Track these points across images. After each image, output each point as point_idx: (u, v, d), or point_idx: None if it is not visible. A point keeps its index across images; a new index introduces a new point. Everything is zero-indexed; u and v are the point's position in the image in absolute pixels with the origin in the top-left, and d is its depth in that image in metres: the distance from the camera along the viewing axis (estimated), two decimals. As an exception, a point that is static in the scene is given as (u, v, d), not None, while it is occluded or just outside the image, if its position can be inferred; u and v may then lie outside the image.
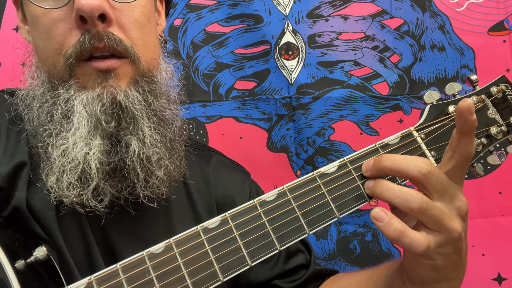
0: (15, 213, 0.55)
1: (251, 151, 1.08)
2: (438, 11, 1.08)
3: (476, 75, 0.60)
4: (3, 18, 1.07)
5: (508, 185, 1.05)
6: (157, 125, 0.58)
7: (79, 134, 0.53)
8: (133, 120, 0.55)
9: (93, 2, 0.51)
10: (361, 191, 0.53)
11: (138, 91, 0.56)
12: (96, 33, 0.53)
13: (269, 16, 1.08)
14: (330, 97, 1.07)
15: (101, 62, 0.54)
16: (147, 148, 0.56)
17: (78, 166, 0.53)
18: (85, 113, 0.53)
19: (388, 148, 0.56)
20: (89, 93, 0.54)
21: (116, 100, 0.54)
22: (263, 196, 0.52)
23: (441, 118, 0.58)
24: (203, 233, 0.49)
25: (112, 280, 0.46)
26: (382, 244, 1.07)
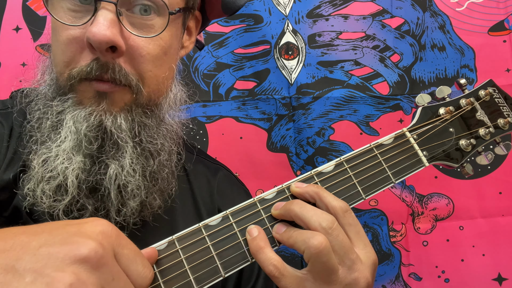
0: (15, 213, 0.55)
1: (251, 151, 1.08)
2: (439, 10, 1.08)
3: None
4: (3, 18, 1.07)
5: (508, 185, 1.05)
6: (140, 156, 0.57)
7: (63, 147, 0.53)
8: (116, 146, 0.55)
9: (104, 34, 0.50)
10: (357, 189, 0.55)
11: (127, 120, 0.56)
12: (104, 63, 0.53)
13: (269, 16, 1.08)
14: (330, 97, 1.06)
15: (101, 84, 0.54)
16: (125, 176, 0.55)
17: (56, 178, 0.53)
18: (74, 128, 0.53)
19: (382, 148, 0.58)
20: (81, 111, 0.54)
21: (102, 124, 0.54)
22: (263, 194, 0.53)
23: (432, 120, 0.61)
24: (204, 230, 0.50)
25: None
26: (382, 244, 1.07)
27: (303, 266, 1.05)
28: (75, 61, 0.54)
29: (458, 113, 0.62)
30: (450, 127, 0.61)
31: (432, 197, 1.07)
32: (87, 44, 0.52)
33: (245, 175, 1.07)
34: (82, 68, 0.53)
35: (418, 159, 0.58)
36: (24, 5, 1.08)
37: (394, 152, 0.58)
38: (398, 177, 0.57)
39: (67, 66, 0.54)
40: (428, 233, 1.06)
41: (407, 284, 1.06)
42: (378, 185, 0.56)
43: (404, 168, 0.58)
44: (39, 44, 1.07)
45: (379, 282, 1.06)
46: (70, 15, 0.53)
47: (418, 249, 1.06)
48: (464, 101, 0.63)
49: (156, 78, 0.58)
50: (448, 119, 0.61)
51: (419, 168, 0.58)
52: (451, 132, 0.61)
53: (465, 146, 0.60)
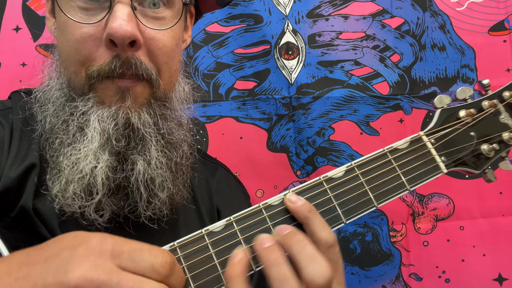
0: (22, 214, 0.55)
1: (251, 151, 1.08)
2: (439, 10, 1.08)
3: (477, 75, 0.59)
4: (3, 18, 1.07)
5: (508, 185, 1.04)
6: (164, 148, 0.58)
7: (90, 148, 0.54)
8: (142, 142, 0.56)
9: (126, 29, 0.51)
10: (369, 196, 0.52)
11: (150, 114, 0.57)
12: (126, 59, 0.53)
13: (269, 16, 1.08)
14: (330, 97, 1.06)
15: (122, 80, 0.54)
16: (152, 169, 0.56)
17: (85, 178, 0.53)
18: (99, 128, 0.54)
19: (397, 153, 0.54)
20: (105, 110, 0.54)
21: (130, 121, 0.55)
22: (269, 200, 0.51)
23: (452, 123, 0.57)
24: (207, 236, 0.48)
25: None
26: (382, 244, 1.06)
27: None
28: (91, 59, 0.54)
29: (480, 116, 0.58)
30: (471, 131, 0.57)
31: (433, 197, 1.07)
32: (105, 41, 0.52)
33: (245, 175, 1.07)
34: (103, 66, 0.53)
35: (435, 165, 0.55)
36: (24, 5, 1.07)
37: (410, 158, 0.54)
38: (414, 184, 0.54)
39: (83, 65, 0.54)
40: (429, 233, 1.06)
41: (407, 284, 1.06)
42: (392, 192, 0.53)
43: (420, 174, 0.54)
44: (39, 44, 1.07)
45: (379, 282, 1.06)
46: (82, 13, 0.53)
47: (419, 249, 1.06)
48: (487, 103, 0.58)
49: (169, 71, 0.59)
50: (469, 122, 0.57)
51: (436, 174, 0.55)
52: (472, 136, 0.57)
53: (487, 151, 0.56)
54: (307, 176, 1.08)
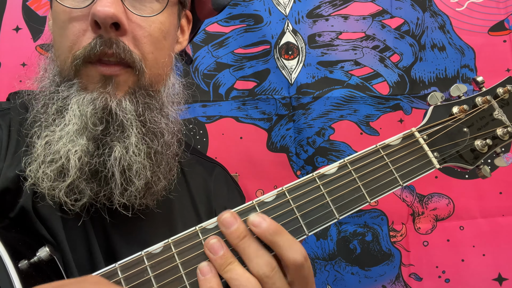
0: (22, 214, 0.55)
1: (251, 151, 1.08)
2: (439, 10, 1.08)
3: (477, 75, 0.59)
4: (3, 18, 1.07)
5: (508, 185, 1.05)
6: (144, 136, 0.58)
7: (66, 130, 0.54)
8: (121, 128, 0.56)
9: (109, 10, 0.52)
10: (362, 192, 0.53)
11: (132, 102, 0.57)
12: (108, 39, 0.54)
13: (269, 16, 1.08)
14: (330, 97, 1.06)
15: (106, 67, 0.55)
16: (130, 156, 0.56)
17: (58, 160, 0.54)
18: (78, 112, 0.54)
19: (389, 149, 0.55)
20: (86, 95, 0.55)
21: (108, 106, 0.55)
22: (262, 197, 0.51)
23: (444, 119, 0.58)
24: (201, 233, 0.49)
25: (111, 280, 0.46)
26: (382, 244, 1.06)
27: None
28: (78, 43, 0.55)
29: (473, 112, 0.58)
30: (464, 127, 0.58)
31: (433, 197, 1.07)
32: (90, 24, 0.54)
33: (245, 175, 1.07)
34: (86, 47, 0.54)
35: (428, 160, 0.55)
36: (24, 5, 1.08)
37: (402, 154, 0.55)
38: (406, 180, 0.54)
39: (70, 50, 0.55)
40: (429, 233, 1.06)
41: (407, 284, 1.06)
42: (385, 188, 0.53)
43: (413, 170, 0.54)
44: (39, 44, 1.07)
45: (379, 282, 1.06)
46: (73, 2, 0.55)
47: (419, 249, 1.06)
48: (480, 99, 0.59)
49: (156, 61, 0.59)
50: (462, 118, 0.58)
51: (429, 170, 0.55)
52: (465, 132, 0.57)
53: (480, 146, 0.57)
54: (307, 176, 1.08)
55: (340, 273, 1.06)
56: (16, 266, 0.46)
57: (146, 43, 0.57)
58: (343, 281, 1.06)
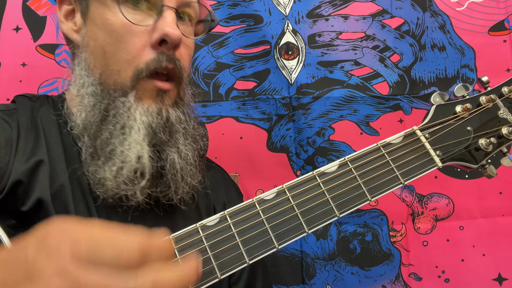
0: (37, 206, 0.57)
1: (251, 151, 1.08)
2: (439, 10, 1.08)
3: (477, 75, 0.59)
4: (3, 18, 1.07)
5: (508, 185, 1.05)
6: (190, 142, 0.66)
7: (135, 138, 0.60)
8: (174, 136, 0.64)
9: (178, 33, 0.59)
10: (362, 190, 0.53)
11: (180, 112, 0.65)
12: (170, 55, 0.61)
13: (269, 16, 1.08)
14: (330, 97, 1.06)
15: (161, 82, 0.62)
16: (182, 159, 0.64)
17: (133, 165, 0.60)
18: (142, 122, 0.60)
19: (390, 147, 0.55)
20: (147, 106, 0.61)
21: (170, 117, 0.63)
22: (262, 195, 0.52)
23: (447, 118, 0.57)
24: (201, 230, 0.49)
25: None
26: (382, 244, 1.07)
27: (303, 266, 1.05)
28: (139, 58, 0.60)
29: (477, 111, 0.57)
30: (468, 126, 0.57)
31: (432, 197, 1.07)
32: (155, 42, 0.59)
33: (245, 175, 1.07)
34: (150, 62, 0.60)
35: (429, 158, 0.55)
36: (24, 5, 1.08)
37: (403, 152, 0.54)
38: (408, 178, 0.54)
39: (130, 64, 0.60)
40: (428, 233, 1.06)
41: (407, 284, 1.06)
42: (385, 186, 0.53)
43: (414, 168, 0.54)
44: (39, 44, 1.07)
45: (379, 282, 1.06)
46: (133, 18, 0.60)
47: (418, 249, 1.06)
48: (484, 98, 0.58)
49: (188, 76, 0.69)
50: (465, 117, 0.57)
51: (431, 168, 0.55)
52: (469, 131, 0.57)
53: (485, 145, 0.56)
54: (307, 176, 1.08)
55: (340, 273, 1.06)
56: None
57: (186, 61, 0.66)
58: (343, 281, 1.06)
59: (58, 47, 1.07)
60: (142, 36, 0.60)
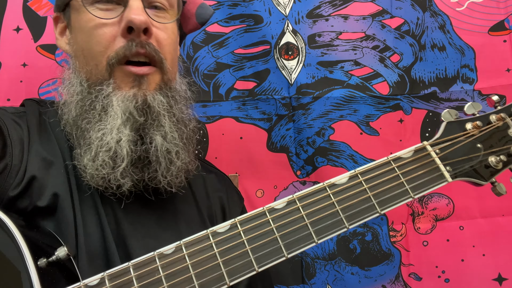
0: (54, 201, 0.61)
1: (251, 151, 1.08)
2: (439, 10, 1.08)
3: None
4: (3, 18, 1.07)
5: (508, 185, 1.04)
6: (176, 125, 0.67)
7: (114, 123, 0.62)
8: (157, 119, 0.64)
9: (142, 18, 0.62)
10: (372, 203, 0.53)
11: (163, 95, 0.66)
12: (140, 41, 0.63)
13: (269, 16, 1.08)
14: (330, 97, 1.06)
15: (138, 68, 0.64)
16: (168, 142, 0.65)
17: (111, 149, 0.61)
18: (120, 108, 0.62)
19: (400, 161, 0.55)
20: (125, 92, 0.63)
21: (147, 101, 0.64)
22: (273, 204, 0.53)
23: (457, 134, 0.58)
24: (212, 237, 0.50)
25: (123, 277, 0.48)
26: (382, 244, 1.07)
27: (303, 266, 1.06)
28: (111, 47, 0.63)
29: (487, 129, 0.59)
30: (478, 143, 0.58)
31: (432, 197, 1.07)
32: (123, 29, 0.63)
33: (245, 175, 1.07)
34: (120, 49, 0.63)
35: (440, 174, 0.56)
36: (25, 5, 1.08)
37: (413, 166, 0.55)
38: (418, 192, 0.54)
39: (103, 54, 0.64)
40: (428, 233, 1.06)
41: (407, 284, 1.06)
42: (395, 199, 0.53)
43: (424, 182, 0.55)
44: (39, 44, 1.07)
45: (379, 282, 1.06)
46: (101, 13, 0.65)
47: (418, 249, 1.06)
48: (494, 117, 0.59)
49: (173, 61, 0.70)
50: (475, 134, 0.58)
51: (441, 183, 0.55)
52: (479, 148, 0.58)
53: (495, 163, 0.57)
54: (307, 176, 1.08)
55: (340, 273, 1.06)
56: (35, 264, 0.49)
57: (166, 45, 0.68)
58: (343, 281, 1.06)
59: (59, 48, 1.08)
60: (111, 28, 0.64)
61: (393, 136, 1.05)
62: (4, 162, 0.61)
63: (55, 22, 0.75)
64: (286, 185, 1.08)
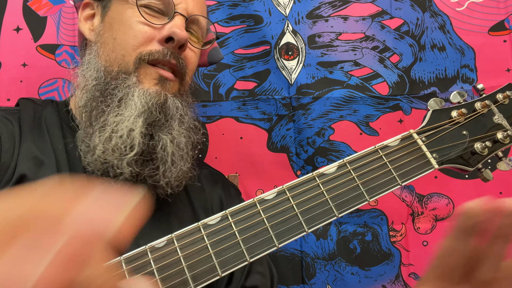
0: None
1: (251, 151, 1.08)
2: (439, 10, 1.08)
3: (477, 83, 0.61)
4: (3, 18, 1.07)
5: (508, 185, 1.05)
6: (184, 130, 0.70)
7: (131, 113, 0.64)
8: (170, 120, 0.67)
9: (184, 34, 0.67)
10: (360, 191, 0.54)
11: (180, 102, 0.70)
12: (173, 53, 0.68)
13: (269, 17, 1.08)
14: (330, 97, 1.07)
15: (164, 71, 0.68)
16: (174, 145, 0.67)
17: (124, 136, 0.63)
18: (140, 100, 0.64)
19: (388, 149, 0.56)
20: (148, 87, 0.66)
21: (167, 101, 0.67)
22: (263, 195, 0.53)
23: (442, 122, 0.59)
24: (203, 228, 0.51)
25: (116, 271, 0.48)
26: (382, 244, 1.07)
27: (303, 266, 1.06)
28: (145, 46, 0.67)
29: (472, 116, 0.60)
30: (464, 130, 0.59)
31: (432, 197, 1.07)
32: (163, 37, 0.67)
33: (245, 175, 1.07)
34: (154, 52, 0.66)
35: (426, 160, 0.56)
36: (25, 5, 1.08)
37: (401, 154, 0.56)
38: (405, 179, 0.55)
39: (135, 49, 0.67)
40: (428, 233, 1.06)
41: (407, 284, 1.06)
42: (383, 187, 0.54)
43: (411, 170, 0.56)
44: (39, 44, 1.07)
45: (379, 282, 1.06)
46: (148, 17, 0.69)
47: (418, 249, 1.06)
48: (479, 104, 0.60)
49: (190, 78, 0.76)
50: (461, 121, 0.59)
51: (428, 170, 0.56)
52: (465, 135, 0.59)
53: (480, 149, 0.58)
54: (307, 176, 1.08)
55: (340, 273, 1.06)
56: None
57: (191, 63, 0.74)
58: (343, 281, 1.06)
59: (59, 48, 1.08)
60: (152, 31, 0.68)
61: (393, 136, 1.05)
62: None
63: (83, 7, 0.77)
64: (286, 185, 1.08)
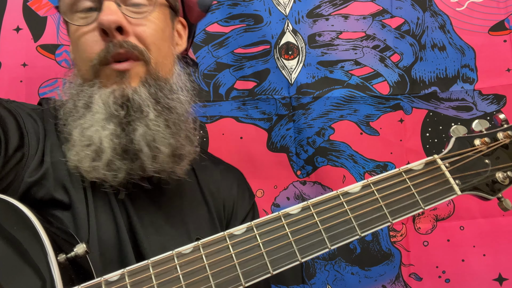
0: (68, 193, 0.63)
1: (251, 151, 1.08)
2: (439, 10, 1.08)
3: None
4: (3, 18, 1.07)
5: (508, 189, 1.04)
6: (161, 111, 0.67)
7: (95, 118, 0.64)
8: (139, 110, 0.65)
9: (111, 17, 0.63)
10: (384, 212, 0.55)
11: (145, 87, 0.67)
12: (117, 42, 0.64)
13: (269, 16, 1.08)
14: (330, 97, 1.06)
15: (118, 64, 0.65)
16: (151, 130, 0.65)
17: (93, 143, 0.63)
18: (102, 103, 0.64)
19: (411, 173, 0.58)
20: (107, 89, 0.65)
21: (125, 94, 0.65)
22: (288, 209, 0.55)
23: (466, 149, 0.61)
24: (228, 238, 0.52)
25: (142, 274, 0.50)
26: (382, 244, 1.07)
27: (303, 266, 1.05)
28: (93, 53, 0.65)
29: (495, 145, 0.61)
30: (486, 159, 0.61)
31: (433, 197, 1.07)
32: (99, 34, 0.64)
33: (245, 175, 1.07)
34: (100, 53, 0.64)
35: (449, 186, 0.58)
36: (25, 5, 1.08)
37: (424, 178, 0.58)
38: (428, 203, 0.56)
39: (86, 60, 0.66)
40: (429, 233, 1.06)
41: (407, 284, 1.06)
42: (406, 209, 0.56)
43: (434, 194, 0.57)
44: (39, 44, 1.07)
45: (379, 282, 1.06)
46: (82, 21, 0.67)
47: (419, 249, 1.06)
48: (501, 134, 0.62)
49: (159, 50, 0.69)
50: (483, 150, 0.61)
51: (450, 196, 0.58)
52: (487, 163, 0.60)
53: (502, 179, 0.59)
54: (307, 176, 1.08)
55: (340, 273, 1.06)
56: (57, 260, 0.51)
57: (147, 36, 0.68)
58: (343, 281, 1.06)
59: (59, 47, 1.08)
60: (92, 34, 0.66)
61: (393, 136, 1.05)
62: (22, 151, 0.63)
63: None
64: (286, 185, 1.08)
